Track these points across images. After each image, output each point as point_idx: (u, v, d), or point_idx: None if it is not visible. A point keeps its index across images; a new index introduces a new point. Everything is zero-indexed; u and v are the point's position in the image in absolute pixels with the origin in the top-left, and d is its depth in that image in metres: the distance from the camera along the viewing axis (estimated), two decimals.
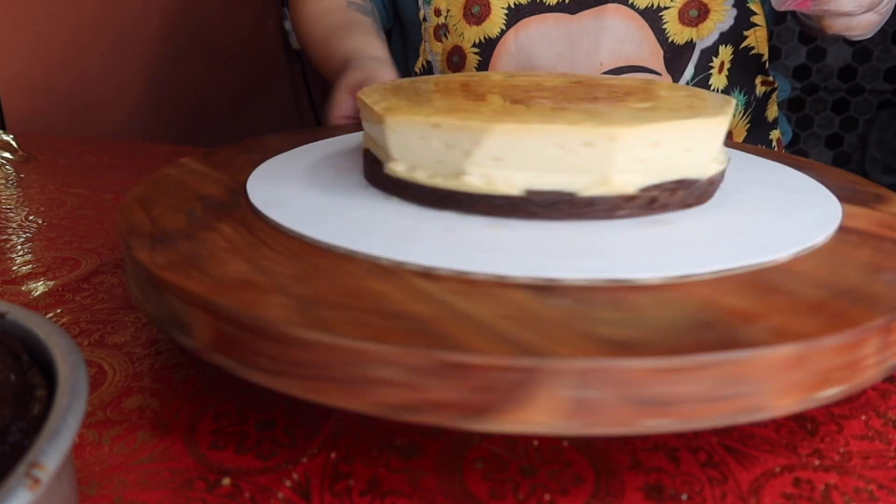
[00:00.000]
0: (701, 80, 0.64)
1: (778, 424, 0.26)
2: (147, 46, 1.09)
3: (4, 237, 0.47)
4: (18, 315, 0.20)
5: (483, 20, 0.65)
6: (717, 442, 0.25)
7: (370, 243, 0.27)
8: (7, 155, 0.69)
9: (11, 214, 0.52)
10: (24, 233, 0.48)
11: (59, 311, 0.36)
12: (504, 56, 0.65)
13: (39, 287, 0.39)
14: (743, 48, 0.64)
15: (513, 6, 0.64)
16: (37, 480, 0.14)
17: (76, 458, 0.24)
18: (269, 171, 0.38)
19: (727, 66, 0.65)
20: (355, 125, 0.48)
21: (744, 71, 0.66)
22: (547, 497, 0.23)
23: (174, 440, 0.25)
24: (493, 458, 0.24)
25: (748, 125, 0.69)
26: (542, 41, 0.64)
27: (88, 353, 0.31)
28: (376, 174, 0.33)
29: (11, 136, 0.74)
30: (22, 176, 0.64)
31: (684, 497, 0.23)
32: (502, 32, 0.65)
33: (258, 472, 0.24)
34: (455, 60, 0.68)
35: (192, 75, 1.19)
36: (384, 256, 0.26)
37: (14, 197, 0.57)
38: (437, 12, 0.68)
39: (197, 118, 1.21)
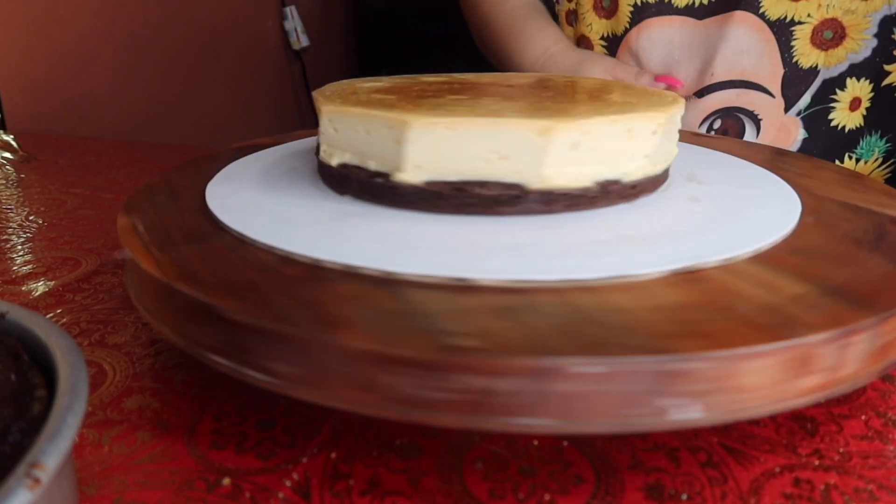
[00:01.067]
0: (818, 113, 0.59)
1: (777, 424, 0.26)
2: (147, 46, 1.09)
3: (5, 237, 0.47)
4: (18, 315, 0.20)
5: (612, 15, 0.63)
6: (716, 442, 0.25)
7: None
8: (7, 155, 0.69)
9: (11, 214, 0.52)
10: (25, 233, 0.48)
11: (59, 311, 0.36)
12: (624, 55, 0.64)
13: (39, 287, 0.39)
14: (885, 87, 0.57)
15: (639, 4, 0.61)
16: (37, 480, 0.14)
17: (76, 458, 0.24)
18: (230, 173, 0.37)
19: (865, 104, 0.58)
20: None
21: (887, 113, 0.59)
22: (547, 497, 0.23)
23: (174, 440, 0.25)
24: (493, 458, 0.24)
25: (888, 175, 0.61)
26: (661, 45, 0.61)
27: (88, 353, 0.31)
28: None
29: (12, 136, 0.74)
30: (22, 176, 0.64)
31: (684, 497, 0.23)
32: (626, 31, 0.63)
33: (258, 472, 0.24)
34: (583, 49, 0.67)
35: (193, 75, 1.19)
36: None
37: (14, 197, 0.57)
38: None
39: (197, 118, 1.21)
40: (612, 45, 0.65)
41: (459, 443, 0.25)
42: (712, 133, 0.61)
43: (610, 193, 0.30)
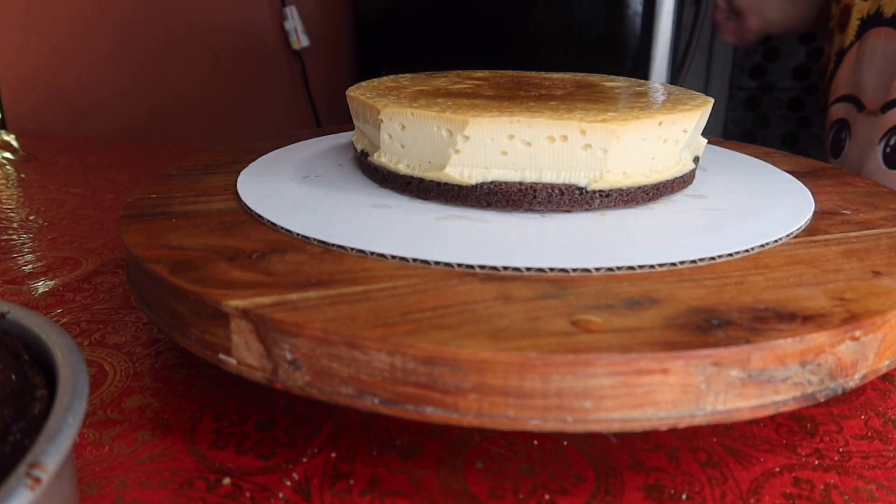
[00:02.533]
0: None
1: (777, 424, 0.26)
2: (147, 46, 1.09)
3: (5, 237, 0.47)
4: (19, 315, 0.20)
5: (843, 30, 0.63)
6: (716, 442, 0.25)
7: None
8: (8, 155, 0.69)
9: (12, 214, 0.52)
10: (25, 233, 0.48)
11: (59, 310, 0.36)
12: (846, 69, 0.63)
13: (40, 287, 0.39)
14: None
15: (865, 17, 0.60)
16: (37, 480, 0.14)
17: (77, 457, 0.24)
18: (263, 165, 0.39)
19: None
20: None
21: None
22: (547, 497, 0.23)
23: (174, 440, 0.25)
24: (493, 458, 0.24)
25: None
26: (873, 58, 0.59)
27: (89, 352, 0.31)
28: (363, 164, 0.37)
29: (13, 136, 0.74)
30: (23, 176, 0.64)
31: (684, 497, 0.23)
32: (851, 44, 0.62)
33: (258, 472, 0.24)
34: (831, 67, 0.66)
35: (192, 75, 1.19)
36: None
37: (15, 197, 0.57)
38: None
39: (197, 118, 1.21)
40: (839, 59, 0.64)
41: (459, 442, 0.25)
42: (888, 150, 0.58)
43: (640, 191, 0.31)
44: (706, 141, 0.37)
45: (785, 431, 0.26)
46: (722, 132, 2.14)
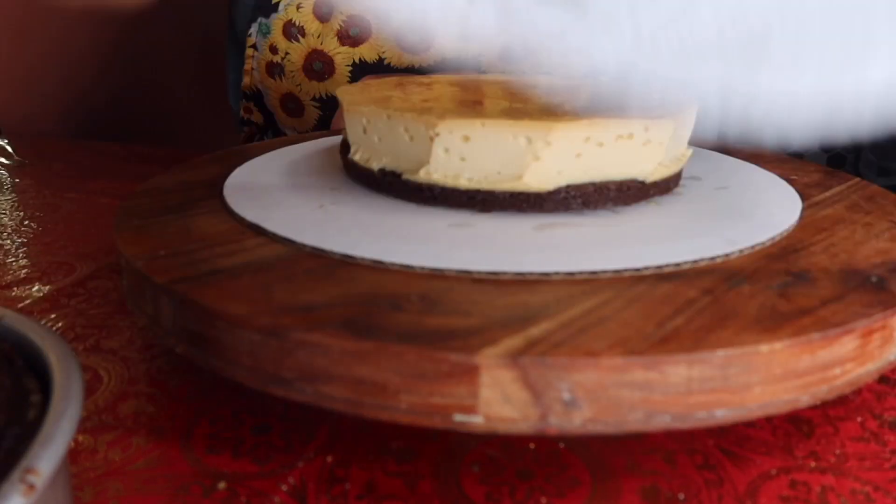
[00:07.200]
0: None
1: (774, 426, 0.26)
2: (142, 49, 1.09)
3: None
4: (13, 320, 0.20)
5: (326, 78, 0.63)
6: (713, 444, 0.25)
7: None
8: (2, 160, 0.69)
9: (6, 219, 0.52)
10: (19, 237, 0.48)
11: (53, 315, 0.35)
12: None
13: (34, 292, 0.38)
14: None
15: (357, 62, 0.61)
16: (31, 486, 0.14)
17: (71, 463, 0.24)
18: (250, 168, 0.39)
19: None
20: None
21: None
22: (544, 500, 0.23)
23: (170, 445, 0.25)
24: (490, 462, 0.24)
25: None
26: None
27: (83, 357, 0.31)
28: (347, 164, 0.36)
29: (6, 141, 0.73)
30: (17, 180, 0.63)
31: (681, 497, 0.23)
32: None
33: (254, 477, 0.24)
34: (291, 107, 0.65)
35: (187, 79, 1.19)
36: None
37: (9, 201, 0.57)
38: (274, 50, 0.64)
39: (191, 122, 1.20)
40: (329, 106, 0.63)
41: (456, 446, 0.25)
42: None
43: (629, 192, 0.32)
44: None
45: (781, 434, 0.26)
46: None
